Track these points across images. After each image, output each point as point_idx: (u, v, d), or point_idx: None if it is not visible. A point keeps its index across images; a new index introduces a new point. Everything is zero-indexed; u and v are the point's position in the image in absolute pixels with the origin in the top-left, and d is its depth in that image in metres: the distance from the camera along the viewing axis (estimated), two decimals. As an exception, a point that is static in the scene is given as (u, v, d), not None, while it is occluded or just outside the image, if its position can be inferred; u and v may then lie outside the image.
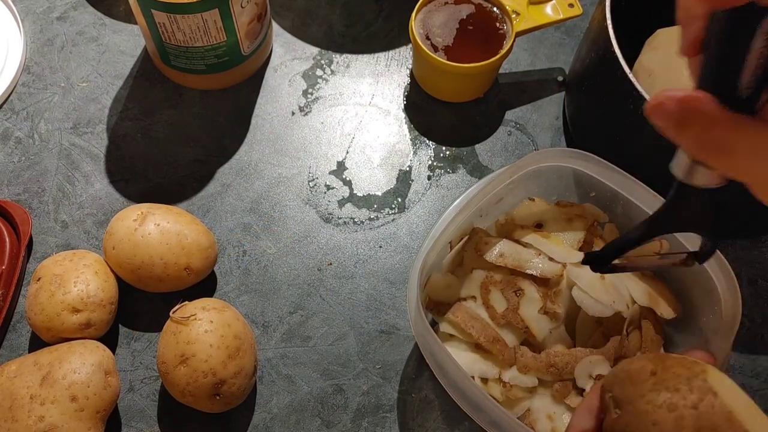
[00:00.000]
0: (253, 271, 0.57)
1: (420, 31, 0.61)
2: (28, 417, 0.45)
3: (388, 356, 0.54)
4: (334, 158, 0.62)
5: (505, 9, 0.61)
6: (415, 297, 0.45)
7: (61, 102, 0.64)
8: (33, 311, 0.50)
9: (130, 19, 0.69)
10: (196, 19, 0.56)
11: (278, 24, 0.69)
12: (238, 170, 0.62)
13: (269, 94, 0.65)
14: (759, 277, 0.58)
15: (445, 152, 0.63)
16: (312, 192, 0.61)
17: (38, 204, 0.59)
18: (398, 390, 0.53)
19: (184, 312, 0.49)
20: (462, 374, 0.43)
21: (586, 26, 0.61)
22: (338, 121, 0.64)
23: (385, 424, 0.52)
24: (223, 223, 0.59)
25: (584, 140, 0.61)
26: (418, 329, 0.45)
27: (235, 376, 0.47)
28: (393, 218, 0.60)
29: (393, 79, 0.66)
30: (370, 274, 0.57)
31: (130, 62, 0.66)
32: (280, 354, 0.54)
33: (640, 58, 0.58)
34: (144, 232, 0.51)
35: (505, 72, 0.67)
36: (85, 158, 0.62)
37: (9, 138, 0.62)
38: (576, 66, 0.61)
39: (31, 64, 0.66)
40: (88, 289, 0.50)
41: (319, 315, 0.56)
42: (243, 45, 0.61)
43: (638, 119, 0.50)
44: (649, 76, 0.55)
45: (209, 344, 0.47)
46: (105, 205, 0.60)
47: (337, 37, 0.69)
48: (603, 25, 0.52)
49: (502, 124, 0.64)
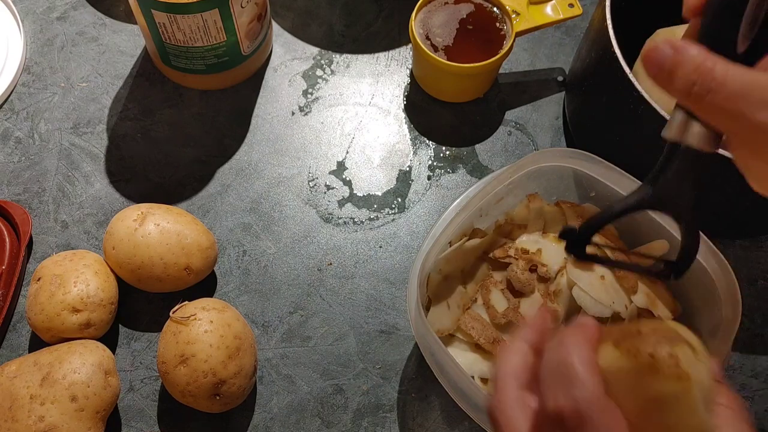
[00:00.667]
0: (253, 271, 0.57)
1: (420, 31, 0.61)
2: (28, 417, 0.45)
3: (388, 356, 0.54)
4: (334, 158, 0.62)
5: (505, 9, 0.61)
6: (415, 297, 0.45)
7: (61, 102, 0.64)
8: (33, 311, 0.50)
9: (130, 19, 0.69)
10: (196, 19, 0.56)
11: (278, 24, 0.69)
12: (238, 170, 0.62)
13: (269, 94, 0.65)
14: (759, 276, 0.58)
15: (445, 152, 0.63)
16: (312, 192, 0.61)
17: (38, 204, 0.59)
18: (398, 390, 0.53)
19: (184, 312, 0.49)
20: (462, 374, 0.43)
21: (586, 26, 0.61)
22: (338, 121, 0.64)
23: (385, 424, 0.52)
24: (223, 223, 0.59)
25: (584, 140, 0.61)
26: (418, 329, 0.45)
27: (235, 376, 0.47)
28: (393, 218, 0.60)
29: (393, 79, 0.66)
30: (370, 274, 0.57)
31: (130, 62, 0.66)
32: (280, 354, 0.54)
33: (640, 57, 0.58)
34: (144, 232, 0.51)
35: (505, 72, 0.67)
36: (85, 158, 0.62)
37: (9, 138, 0.62)
38: (576, 66, 0.61)
39: (31, 64, 0.66)
40: (88, 289, 0.50)
41: (319, 315, 0.56)
42: (243, 45, 0.61)
43: (638, 119, 0.50)
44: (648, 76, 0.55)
45: (209, 344, 0.47)
46: (105, 205, 0.60)
47: (337, 37, 0.69)
48: (603, 25, 0.52)
49: (502, 124, 0.64)
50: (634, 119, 0.50)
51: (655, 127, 0.48)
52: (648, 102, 0.48)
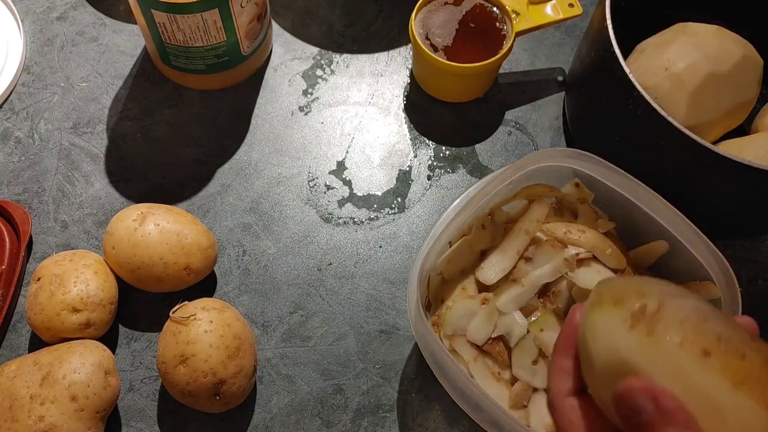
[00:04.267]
0: (252, 271, 0.57)
1: (420, 31, 0.61)
2: (28, 417, 0.45)
3: (387, 356, 0.54)
4: (334, 158, 0.62)
5: (505, 9, 0.61)
6: (415, 297, 0.45)
7: (60, 102, 0.64)
8: (33, 311, 0.50)
9: (129, 19, 0.69)
10: (196, 19, 0.56)
11: (278, 24, 0.69)
12: (238, 170, 0.62)
13: (269, 94, 0.65)
14: (758, 276, 0.58)
15: (445, 152, 0.63)
16: (312, 192, 0.61)
17: (38, 204, 0.59)
18: (398, 390, 0.53)
19: (184, 312, 0.49)
20: (462, 374, 0.43)
21: (586, 26, 0.61)
22: (338, 121, 0.64)
23: (385, 424, 0.52)
24: (223, 223, 0.59)
25: (584, 140, 0.61)
26: (418, 329, 0.45)
27: (235, 376, 0.47)
28: (393, 218, 0.60)
29: (393, 79, 0.66)
30: (370, 274, 0.57)
31: (130, 62, 0.66)
32: (279, 354, 0.54)
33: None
34: (144, 232, 0.51)
35: (505, 72, 0.67)
36: (85, 158, 0.62)
37: (9, 138, 0.62)
38: (576, 66, 0.61)
39: (30, 63, 0.66)
40: (88, 289, 0.50)
41: (319, 315, 0.56)
42: (243, 45, 0.61)
43: (638, 119, 0.50)
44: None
45: (209, 344, 0.47)
46: (105, 205, 0.60)
47: (337, 37, 0.69)
48: (603, 25, 0.52)
49: (502, 124, 0.64)
50: (634, 119, 0.50)
51: (655, 127, 0.48)
52: (648, 102, 0.48)
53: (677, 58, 0.55)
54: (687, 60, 0.55)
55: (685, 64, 0.54)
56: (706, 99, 0.55)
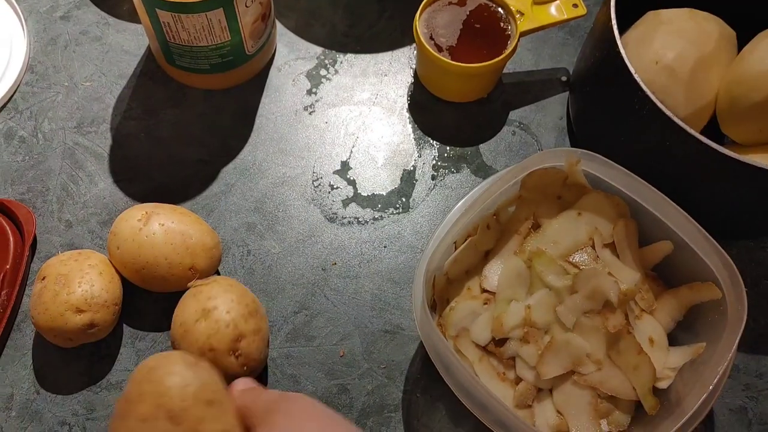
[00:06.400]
0: (257, 270, 0.57)
1: (424, 31, 0.61)
2: None
3: (392, 356, 0.54)
4: (338, 158, 0.62)
5: (510, 9, 0.61)
6: (420, 297, 0.45)
7: (64, 101, 0.64)
8: (37, 310, 0.50)
9: (133, 18, 0.69)
10: (200, 19, 0.56)
11: (282, 24, 0.69)
12: (242, 170, 0.62)
13: (273, 93, 0.65)
14: (763, 277, 0.58)
15: (449, 152, 0.63)
16: (316, 192, 0.61)
17: (42, 203, 0.59)
18: (403, 390, 0.53)
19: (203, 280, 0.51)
20: (467, 374, 0.43)
21: (590, 26, 0.61)
22: (342, 120, 0.64)
23: (390, 424, 0.52)
24: (228, 222, 0.59)
25: (588, 140, 0.61)
26: (424, 329, 0.45)
27: (254, 333, 0.48)
28: (397, 218, 0.60)
29: (397, 79, 0.66)
30: (375, 273, 0.57)
31: (134, 61, 0.66)
32: (284, 354, 0.54)
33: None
34: (148, 232, 0.51)
35: (509, 72, 0.67)
36: (89, 158, 0.62)
37: (13, 137, 0.62)
38: (580, 66, 0.61)
39: (34, 63, 0.66)
40: (93, 289, 0.50)
41: (323, 315, 0.56)
42: (247, 44, 0.61)
43: (643, 119, 0.50)
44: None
45: (230, 299, 0.48)
46: (109, 205, 0.59)
47: (341, 37, 0.69)
48: (607, 25, 0.52)
49: (506, 124, 0.64)
50: (639, 119, 0.50)
51: (661, 127, 0.48)
52: (653, 102, 0.48)
53: (664, 49, 0.54)
54: (674, 49, 0.54)
55: (673, 53, 0.54)
56: (699, 84, 0.54)
